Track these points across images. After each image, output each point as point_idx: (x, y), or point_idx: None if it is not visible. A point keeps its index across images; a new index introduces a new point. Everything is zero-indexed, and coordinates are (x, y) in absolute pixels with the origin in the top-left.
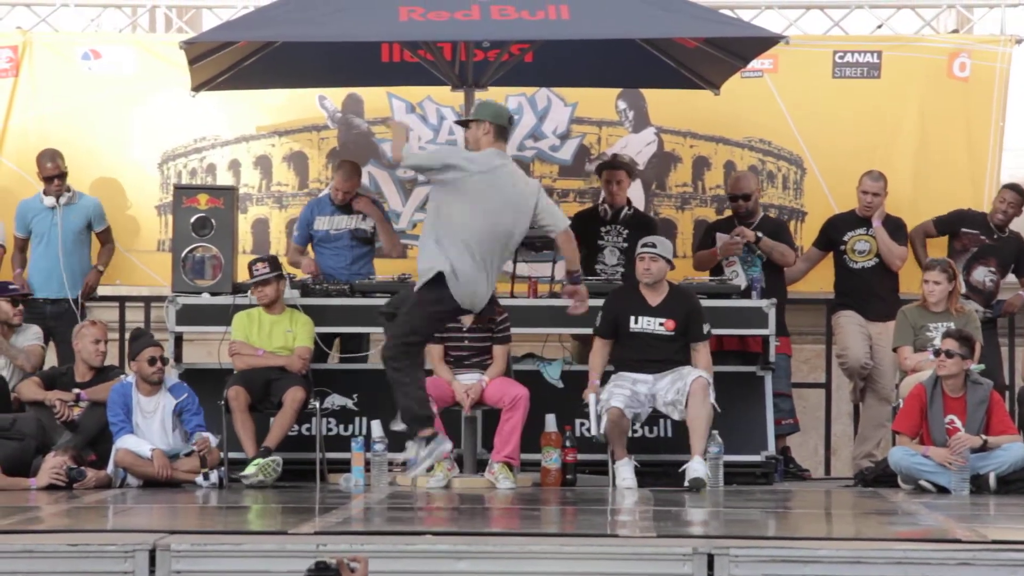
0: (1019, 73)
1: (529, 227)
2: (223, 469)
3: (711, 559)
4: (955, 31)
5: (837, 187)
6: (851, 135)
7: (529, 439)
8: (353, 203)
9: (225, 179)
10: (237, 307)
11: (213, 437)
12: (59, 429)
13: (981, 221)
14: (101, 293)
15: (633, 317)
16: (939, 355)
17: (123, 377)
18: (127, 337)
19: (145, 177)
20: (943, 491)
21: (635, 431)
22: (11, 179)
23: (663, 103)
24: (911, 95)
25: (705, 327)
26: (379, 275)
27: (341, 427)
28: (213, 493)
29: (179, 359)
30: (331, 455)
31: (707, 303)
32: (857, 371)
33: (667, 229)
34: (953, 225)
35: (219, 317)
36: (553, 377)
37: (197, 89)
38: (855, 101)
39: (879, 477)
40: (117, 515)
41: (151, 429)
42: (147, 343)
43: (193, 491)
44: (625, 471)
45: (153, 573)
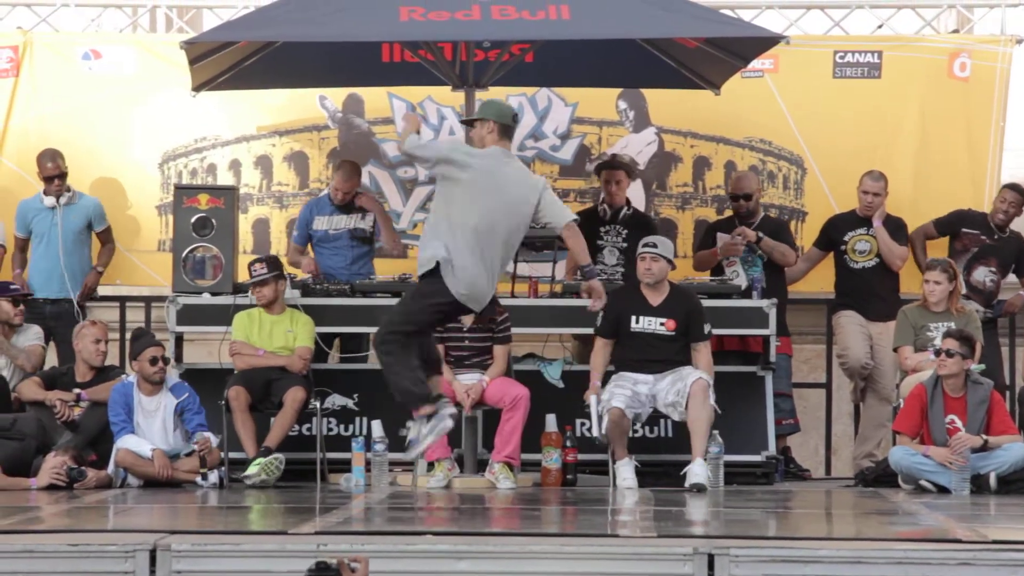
0: (1019, 73)
1: (532, 225)
2: (223, 469)
3: (711, 559)
4: (955, 31)
5: (838, 187)
6: (851, 135)
7: (529, 439)
8: (356, 199)
9: (226, 179)
10: (238, 307)
11: (214, 437)
12: (59, 429)
13: (981, 221)
14: (102, 293)
15: (634, 317)
16: (940, 355)
17: (124, 377)
18: (128, 337)
19: (146, 177)
20: (944, 491)
21: (635, 431)
22: (11, 179)
23: (664, 103)
24: (911, 95)
25: (706, 327)
26: (379, 275)
27: (341, 427)
28: (213, 493)
29: (179, 359)
30: (331, 455)
31: (708, 303)
32: (857, 371)
33: (667, 229)
34: (953, 226)
35: (220, 317)
36: (554, 377)
37: (198, 89)
38: (855, 101)
39: (880, 477)
40: (118, 515)
41: (152, 429)
42: (149, 343)
43: (194, 491)
44: (626, 471)
45: (153, 573)
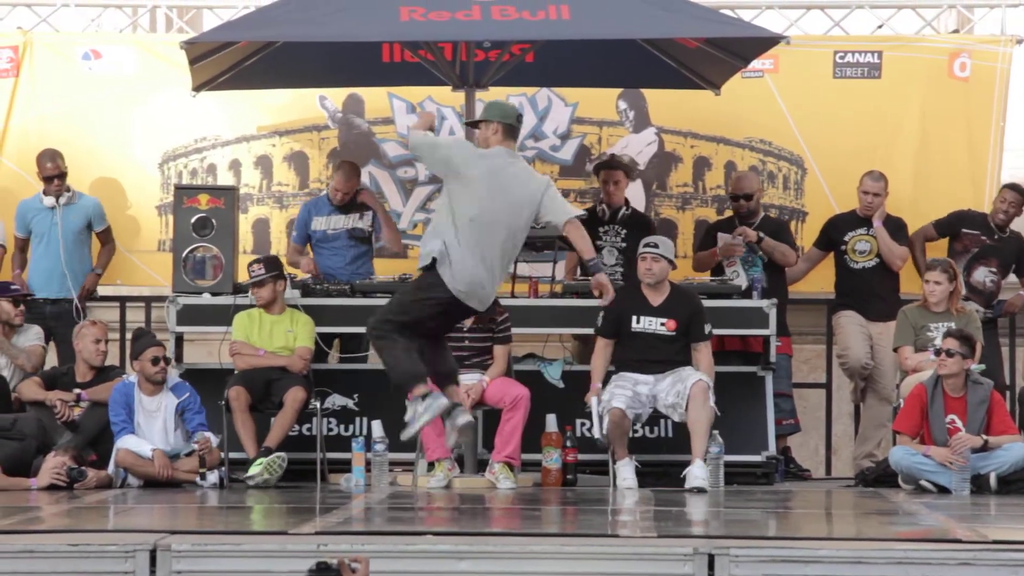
0: (1020, 73)
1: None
2: (224, 469)
3: (712, 559)
4: (956, 31)
5: (838, 187)
6: (852, 135)
7: (530, 439)
8: (358, 196)
9: (226, 179)
10: (238, 307)
11: (214, 437)
12: (60, 429)
13: (981, 221)
14: (102, 293)
15: (635, 317)
16: (940, 355)
17: (125, 377)
18: (128, 337)
19: (146, 177)
20: (944, 491)
21: (636, 431)
22: (11, 179)
23: (664, 103)
24: (912, 95)
25: (707, 327)
26: (379, 275)
27: (342, 427)
28: (214, 493)
29: (180, 359)
30: (332, 455)
31: (708, 303)
32: (858, 371)
33: (668, 229)
34: (953, 227)
35: (220, 317)
36: (554, 377)
37: (198, 89)
38: (856, 101)
39: (880, 477)
40: (118, 515)
41: (153, 429)
42: (150, 343)
43: (194, 491)
44: (626, 471)
45: (154, 573)
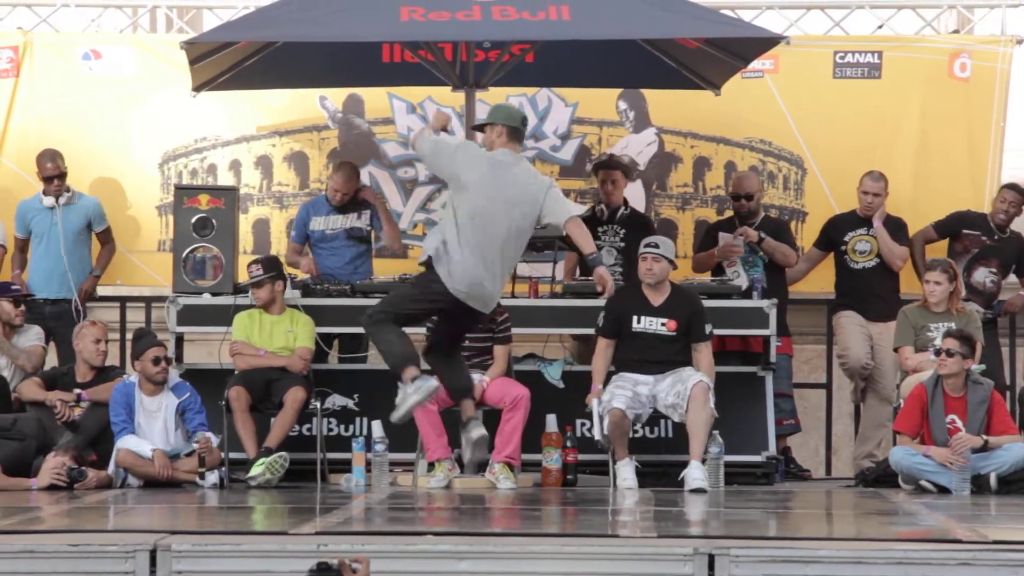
0: (1020, 73)
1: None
2: (224, 469)
3: (712, 559)
4: (956, 31)
5: (838, 187)
6: (852, 135)
7: (530, 439)
8: (358, 193)
9: (226, 179)
10: (238, 307)
11: (214, 437)
12: (60, 429)
13: (981, 222)
14: (102, 293)
15: (635, 317)
16: (940, 355)
17: (126, 377)
18: (128, 337)
19: (146, 177)
20: (944, 491)
21: (636, 431)
22: (11, 179)
23: (664, 103)
24: (912, 95)
25: (707, 327)
26: (379, 275)
27: (342, 427)
28: (214, 493)
29: (180, 359)
30: (332, 455)
31: (708, 303)
32: (858, 371)
33: (668, 229)
34: (953, 228)
35: (220, 317)
36: (554, 377)
37: (198, 89)
38: (856, 101)
39: (880, 477)
40: (118, 515)
41: (154, 429)
42: (151, 343)
43: (194, 491)
44: (626, 471)
45: (154, 573)
